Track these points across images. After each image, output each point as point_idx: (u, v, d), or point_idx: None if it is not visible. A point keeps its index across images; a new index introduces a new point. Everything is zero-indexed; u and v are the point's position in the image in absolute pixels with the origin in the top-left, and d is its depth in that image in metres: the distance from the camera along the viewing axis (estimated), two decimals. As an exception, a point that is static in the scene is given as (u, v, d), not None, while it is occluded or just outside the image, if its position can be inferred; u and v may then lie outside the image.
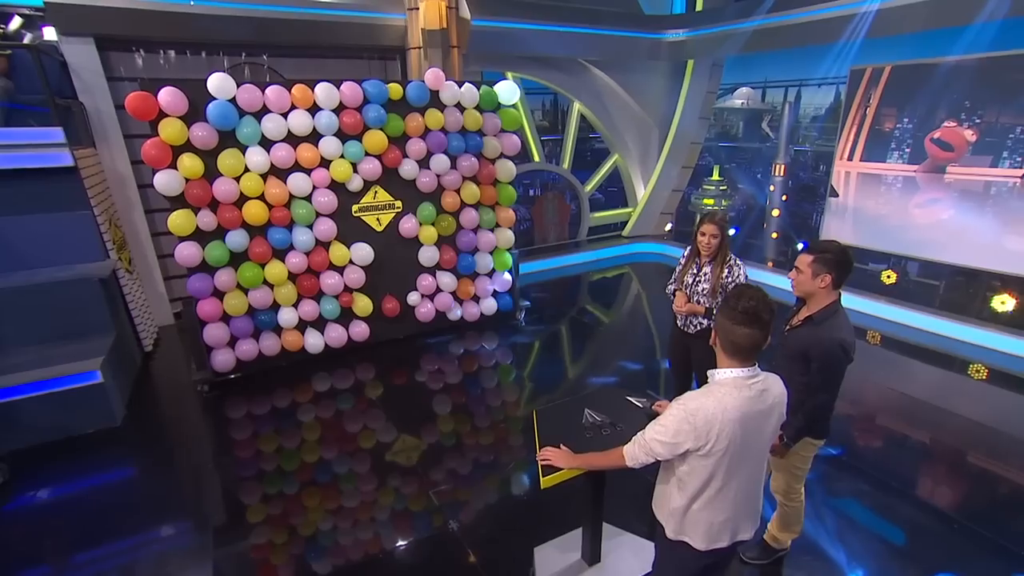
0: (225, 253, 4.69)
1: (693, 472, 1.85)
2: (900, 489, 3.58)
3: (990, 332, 5.62)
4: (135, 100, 4.21)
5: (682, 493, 1.91)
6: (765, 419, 1.82)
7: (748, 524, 1.97)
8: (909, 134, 6.42)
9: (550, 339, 6.22)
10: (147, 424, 4.55)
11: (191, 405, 4.82)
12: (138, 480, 3.95)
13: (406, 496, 3.57)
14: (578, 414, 2.52)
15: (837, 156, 7.20)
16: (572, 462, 2.16)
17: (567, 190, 9.70)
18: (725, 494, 1.86)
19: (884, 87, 6.52)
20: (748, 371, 1.79)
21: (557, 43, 7.88)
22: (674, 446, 1.80)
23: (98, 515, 3.47)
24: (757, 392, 1.78)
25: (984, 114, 5.81)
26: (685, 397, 1.83)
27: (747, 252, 8.77)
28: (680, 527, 1.95)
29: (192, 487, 3.85)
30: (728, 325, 1.77)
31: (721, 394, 1.76)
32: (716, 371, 1.85)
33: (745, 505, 1.92)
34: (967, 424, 4.46)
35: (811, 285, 2.42)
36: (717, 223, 3.21)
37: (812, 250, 2.44)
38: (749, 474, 1.87)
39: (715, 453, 1.77)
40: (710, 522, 1.90)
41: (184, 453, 4.26)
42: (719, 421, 1.74)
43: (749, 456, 1.83)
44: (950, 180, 6.10)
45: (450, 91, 5.39)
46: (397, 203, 5.54)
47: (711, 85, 9.29)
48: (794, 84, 8.59)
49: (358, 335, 5.49)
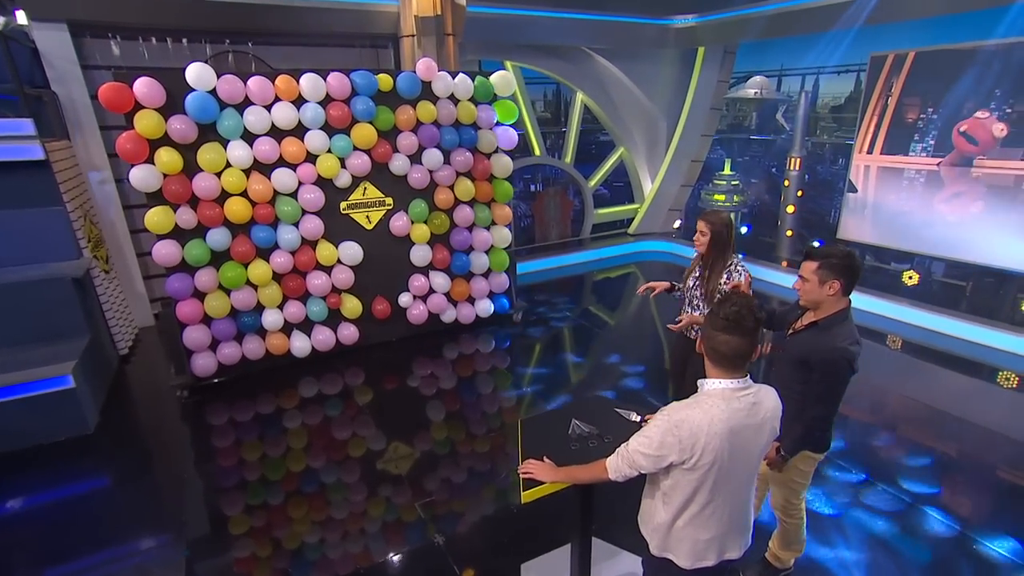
0: (206, 252, 4.71)
1: (677, 486, 1.84)
2: (917, 506, 3.55)
3: (1022, 338, 5.55)
4: (109, 91, 4.23)
5: (666, 508, 1.90)
6: (755, 434, 1.81)
7: (736, 542, 1.96)
8: (934, 125, 6.36)
9: (549, 343, 6.21)
10: (122, 431, 4.58)
11: (169, 411, 4.84)
12: (112, 491, 3.96)
13: (395, 507, 3.58)
14: (565, 425, 2.52)
15: (856, 149, 7.15)
16: (554, 476, 2.15)
17: (570, 185, 9.69)
18: (711, 511, 1.85)
19: (907, 75, 6.47)
20: (738, 382, 1.78)
21: (559, 30, 7.87)
22: (658, 459, 1.80)
23: (69, 528, 3.48)
24: (747, 405, 1.77)
25: (1015, 103, 5.75)
26: (671, 408, 1.83)
27: (760, 251, 8.74)
28: (664, 543, 1.95)
29: (170, 498, 3.85)
30: (711, 332, 1.77)
31: (709, 406, 1.75)
32: (705, 381, 1.84)
33: (732, 523, 1.91)
34: (992, 436, 4.42)
35: (818, 294, 2.39)
36: (708, 219, 3.17)
37: (816, 256, 2.39)
38: (737, 490, 1.86)
39: (700, 467, 1.77)
40: (695, 539, 1.89)
41: (161, 462, 4.28)
42: (704, 434, 1.73)
43: (737, 472, 1.82)
44: (977, 174, 6.05)
45: (443, 82, 5.40)
46: (388, 200, 5.55)
47: (723, 74, 9.25)
48: (811, 72, 8.54)
49: (347, 338, 5.51)
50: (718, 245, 3.19)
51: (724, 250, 3.20)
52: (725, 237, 3.18)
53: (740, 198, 9.47)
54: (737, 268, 3.18)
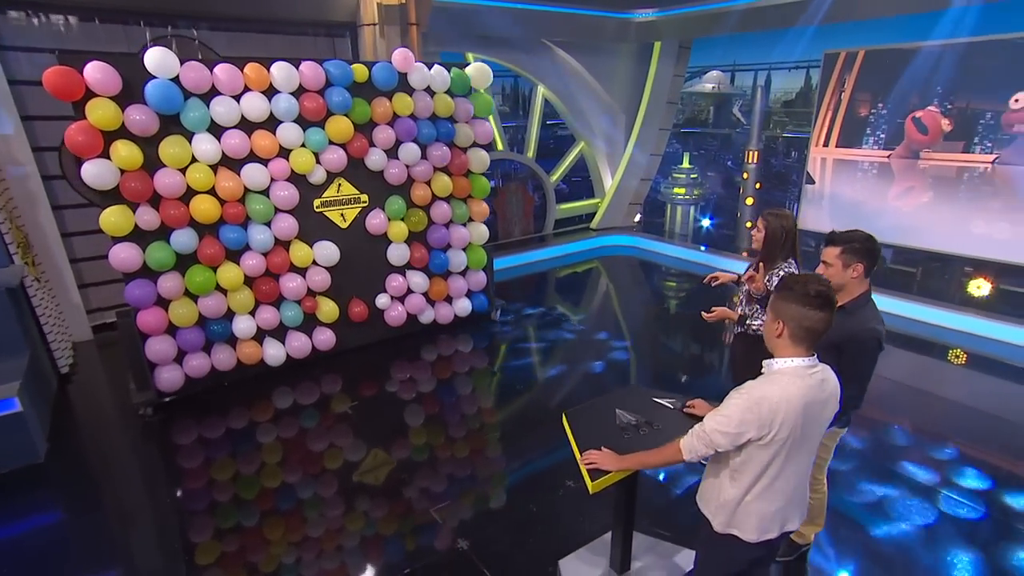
0: (170, 255, 4.46)
1: (749, 462, 1.97)
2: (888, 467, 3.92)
3: (967, 316, 6.21)
4: (55, 76, 3.92)
5: (735, 484, 2.04)
6: (822, 409, 1.97)
7: (797, 514, 2.12)
8: (884, 119, 6.97)
9: (527, 339, 6.30)
10: (77, 458, 4.27)
11: (126, 432, 4.57)
12: (70, 524, 3.66)
13: (413, 514, 3.56)
14: (609, 414, 2.62)
15: (812, 142, 7.71)
16: (620, 464, 2.24)
17: (530, 180, 9.83)
18: (779, 484, 2.00)
19: (858, 72, 7.06)
20: (809, 360, 1.93)
21: (521, 22, 7.98)
22: (737, 436, 1.92)
23: (22, 568, 3.22)
24: (818, 381, 1.93)
25: (956, 100, 6.41)
26: (747, 387, 1.96)
27: (721, 243, 9.23)
28: (730, 520, 2.08)
29: (134, 528, 3.62)
30: (801, 311, 1.88)
31: (786, 382, 1.89)
32: (775, 361, 1.97)
33: (795, 495, 2.07)
34: (946, 406, 4.96)
35: (843, 277, 2.59)
36: (765, 218, 3.21)
37: (838, 241, 2.60)
38: (802, 464, 2.02)
39: (776, 442, 1.91)
40: (762, 513, 2.03)
41: (122, 489, 3.99)
42: (783, 410, 1.87)
43: (805, 445, 1.98)
44: (924, 166, 6.69)
45: (419, 74, 5.37)
46: (363, 197, 5.45)
47: (678, 68, 9.69)
48: (763, 68, 9.12)
49: (323, 343, 5.37)
50: (770, 245, 3.19)
51: (775, 251, 3.18)
52: (779, 238, 3.17)
53: (699, 191, 9.95)
54: (787, 271, 3.13)
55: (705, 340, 6.33)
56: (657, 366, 5.88)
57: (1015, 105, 6.06)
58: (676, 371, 5.69)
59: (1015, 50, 5.97)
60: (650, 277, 8.87)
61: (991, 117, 6.19)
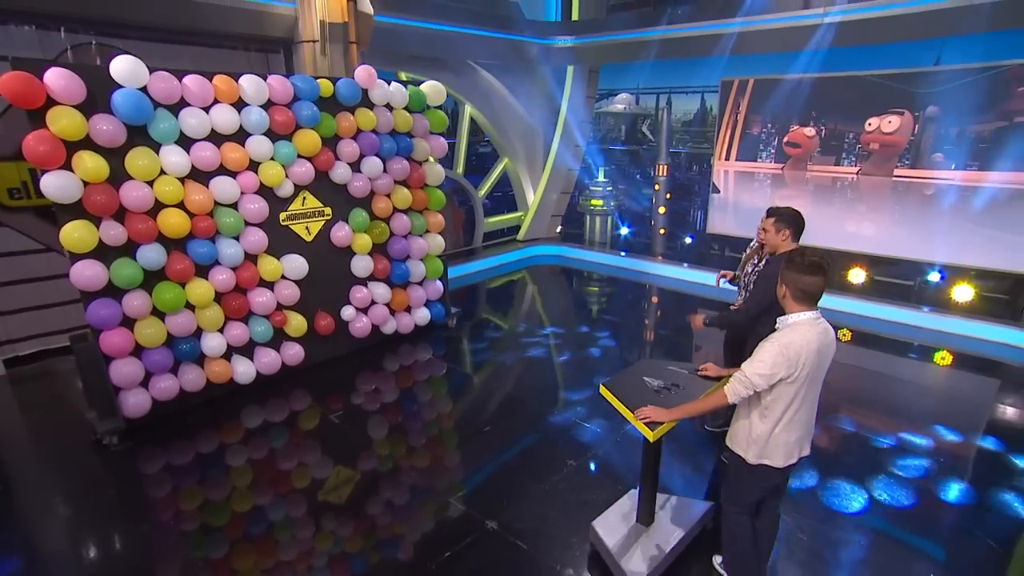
0: (137, 272, 4.26)
1: (779, 399, 2.49)
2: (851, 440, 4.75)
3: (850, 300, 7.47)
4: (13, 82, 3.69)
5: (765, 420, 2.55)
6: (828, 351, 2.54)
7: (808, 441, 2.68)
8: (772, 137, 8.22)
9: (488, 344, 6.62)
10: (34, 499, 3.92)
11: (89, 465, 4.25)
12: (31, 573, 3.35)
13: (439, 504, 3.74)
14: (638, 382, 3.05)
15: (716, 156, 8.83)
16: (671, 415, 2.67)
17: (457, 194, 10.17)
18: (799, 416, 2.54)
19: (750, 97, 8.26)
20: (815, 314, 2.50)
21: (451, 43, 8.39)
22: (771, 376, 2.43)
23: None
24: (824, 329, 2.50)
25: (826, 122, 7.76)
26: (774, 336, 2.48)
27: (638, 248, 10.15)
28: (763, 451, 2.59)
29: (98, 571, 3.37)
30: (798, 277, 2.45)
31: (804, 330, 2.44)
32: (789, 316, 2.52)
33: (809, 424, 2.64)
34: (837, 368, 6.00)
35: (776, 239, 3.56)
36: (771, 215, 3.65)
37: (772, 214, 3.62)
38: (814, 398, 2.59)
39: (799, 379, 2.44)
40: (787, 442, 2.57)
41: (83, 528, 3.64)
42: (805, 352, 2.41)
43: (817, 382, 2.54)
44: (809, 176, 7.98)
45: (381, 90, 5.56)
46: (327, 210, 5.50)
47: (589, 90, 10.60)
48: (664, 91, 10.29)
49: (292, 358, 5.31)
50: (781, 242, 3.57)
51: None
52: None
53: (615, 202, 10.87)
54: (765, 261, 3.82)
55: (657, 329, 7.02)
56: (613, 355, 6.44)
57: (869, 128, 7.47)
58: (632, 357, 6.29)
59: (866, 85, 7.37)
60: (576, 282, 9.55)
61: (853, 137, 7.57)
